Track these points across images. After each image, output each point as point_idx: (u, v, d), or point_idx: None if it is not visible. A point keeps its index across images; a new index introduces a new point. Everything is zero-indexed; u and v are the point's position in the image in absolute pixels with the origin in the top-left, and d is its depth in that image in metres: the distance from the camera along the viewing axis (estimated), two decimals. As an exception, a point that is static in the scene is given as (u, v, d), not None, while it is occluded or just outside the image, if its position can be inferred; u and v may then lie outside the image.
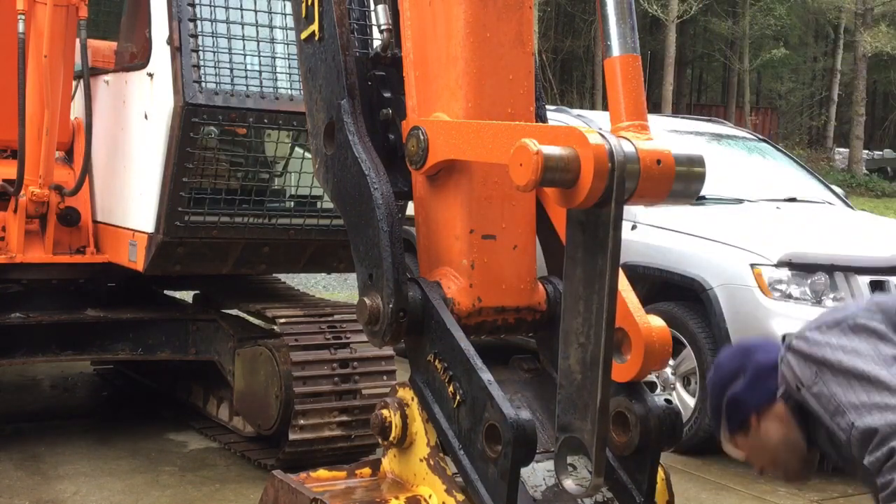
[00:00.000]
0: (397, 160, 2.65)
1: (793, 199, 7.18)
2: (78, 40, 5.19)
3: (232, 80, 4.72)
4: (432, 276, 2.56)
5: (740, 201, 6.80)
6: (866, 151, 33.34)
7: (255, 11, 4.79)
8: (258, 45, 4.81)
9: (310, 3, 2.64)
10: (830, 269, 5.73)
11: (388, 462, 2.58)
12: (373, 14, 2.92)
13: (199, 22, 4.64)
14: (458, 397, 2.33)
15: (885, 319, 2.14)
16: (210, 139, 4.74)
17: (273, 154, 5.13)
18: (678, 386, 6.05)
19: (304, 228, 5.10)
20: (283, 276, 6.38)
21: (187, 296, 6.54)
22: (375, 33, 2.90)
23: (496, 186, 2.54)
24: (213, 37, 4.68)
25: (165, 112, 4.67)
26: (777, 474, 2.44)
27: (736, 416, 2.35)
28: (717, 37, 36.61)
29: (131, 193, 5.17)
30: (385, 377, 5.09)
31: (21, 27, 5.08)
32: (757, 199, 6.91)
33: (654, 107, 25.09)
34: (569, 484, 2.10)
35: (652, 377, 5.92)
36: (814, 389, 2.12)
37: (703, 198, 6.28)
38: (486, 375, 2.27)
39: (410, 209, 2.76)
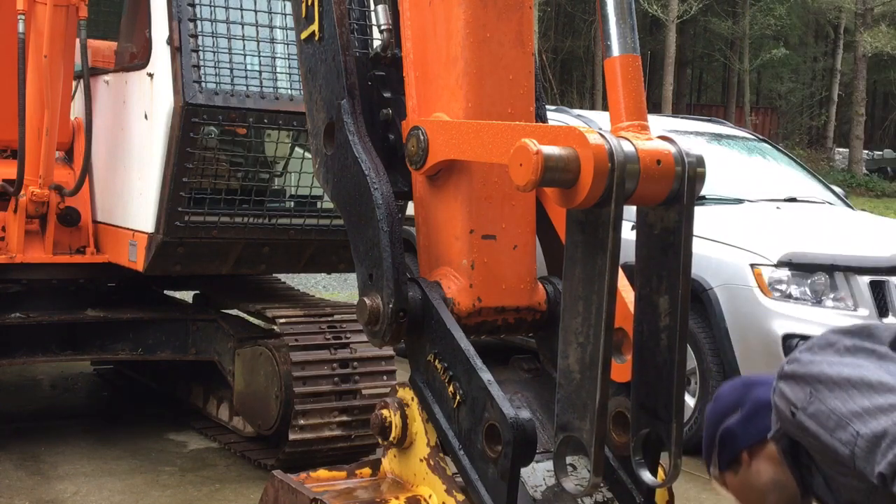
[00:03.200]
0: (397, 160, 2.65)
1: (793, 199, 7.19)
2: (78, 40, 5.19)
3: (232, 80, 4.72)
4: (432, 276, 2.56)
5: (740, 201, 6.80)
6: (866, 151, 33.36)
7: (255, 11, 4.79)
8: (258, 45, 4.81)
9: (310, 3, 2.64)
10: (830, 269, 5.73)
11: (388, 462, 2.58)
12: (373, 14, 2.92)
13: (199, 22, 4.64)
14: (458, 397, 2.33)
15: (879, 342, 1.96)
16: (210, 139, 4.74)
17: (273, 154, 5.14)
18: (678, 386, 6.04)
19: (304, 228, 5.11)
20: (283, 276, 6.38)
21: (187, 296, 6.53)
22: (375, 33, 2.89)
23: (496, 186, 2.54)
24: (213, 37, 4.68)
25: (165, 112, 4.67)
26: None
27: (728, 451, 2.21)
28: (717, 37, 36.61)
29: (131, 193, 5.17)
30: (385, 377, 5.09)
31: (21, 27, 5.08)
32: (757, 199, 6.91)
33: (654, 107, 25.09)
34: (568, 484, 2.10)
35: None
36: (810, 409, 1.93)
37: (703, 198, 6.28)
38: (486, 375, 2.27)
39: (410, 209, 2.76)
